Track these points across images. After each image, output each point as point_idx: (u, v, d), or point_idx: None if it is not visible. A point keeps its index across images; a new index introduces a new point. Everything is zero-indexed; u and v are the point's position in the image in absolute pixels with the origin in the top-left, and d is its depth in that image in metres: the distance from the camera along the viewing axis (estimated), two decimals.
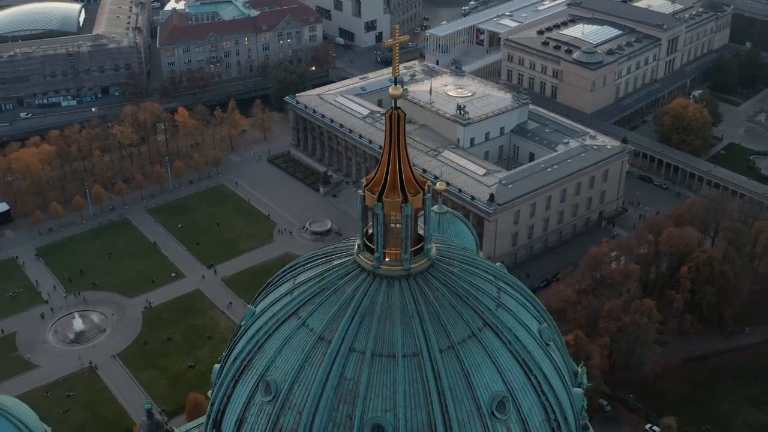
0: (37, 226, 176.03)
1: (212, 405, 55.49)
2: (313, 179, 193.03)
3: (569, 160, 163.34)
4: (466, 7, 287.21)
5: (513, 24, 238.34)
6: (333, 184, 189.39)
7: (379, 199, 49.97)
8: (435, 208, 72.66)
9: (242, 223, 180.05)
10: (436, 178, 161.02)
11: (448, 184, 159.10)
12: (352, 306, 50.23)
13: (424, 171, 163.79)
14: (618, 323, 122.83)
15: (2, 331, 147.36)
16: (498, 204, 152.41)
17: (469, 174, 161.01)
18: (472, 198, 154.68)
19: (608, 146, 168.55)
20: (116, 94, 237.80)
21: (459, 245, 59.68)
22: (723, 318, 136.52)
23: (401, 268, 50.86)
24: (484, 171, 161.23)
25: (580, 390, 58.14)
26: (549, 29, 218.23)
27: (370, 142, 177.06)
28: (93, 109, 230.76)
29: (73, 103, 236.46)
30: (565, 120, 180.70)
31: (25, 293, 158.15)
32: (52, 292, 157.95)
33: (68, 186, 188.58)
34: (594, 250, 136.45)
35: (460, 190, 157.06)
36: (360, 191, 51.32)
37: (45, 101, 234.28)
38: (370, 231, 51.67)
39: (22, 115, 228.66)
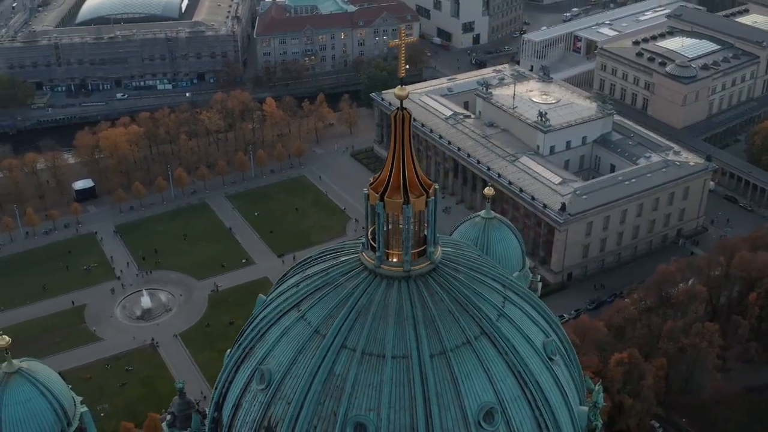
0: (118, 204, 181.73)
1: (216, 388, 56.34)
2: None
3: (648, 175, 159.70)
4: (568, 14, 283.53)
5: (611, 33, 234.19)
6: None
7: (381, 199, 49.56)
8: (482, 213, 72.18)
9: (318, 216, 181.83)
10: (510, 183, 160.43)
11: (521, 190, 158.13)
12: (349, 303, 49.99)
13: (499, 176, 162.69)
14: (677, 345, 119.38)
15: (73, 302, 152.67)
16: (569, 214, 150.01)
17: (544, 182, 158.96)
18: (544, 206, 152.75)
19: (691, 163, 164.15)
20: (211, 80, 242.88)
21: (475, 252, 58.57)
22: None
23: (401, 269, 50.44)
24: (560, 180, 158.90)
25: (585, 408, 56.52)
26: (645, 40, 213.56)
27: (450, 143, 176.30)
28: (187, 94, 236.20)
29: (169, 87, 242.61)
30: (649, 133, 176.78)
31: (100, 268, 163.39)
32: (125, 269, 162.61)
33: (152, 167, 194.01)
34: (662, 268, 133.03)
35: (533, 198, 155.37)
36: (365, 190, 50.99)
37: (142, 83, 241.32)
38: None
39: (119, 95, 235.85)
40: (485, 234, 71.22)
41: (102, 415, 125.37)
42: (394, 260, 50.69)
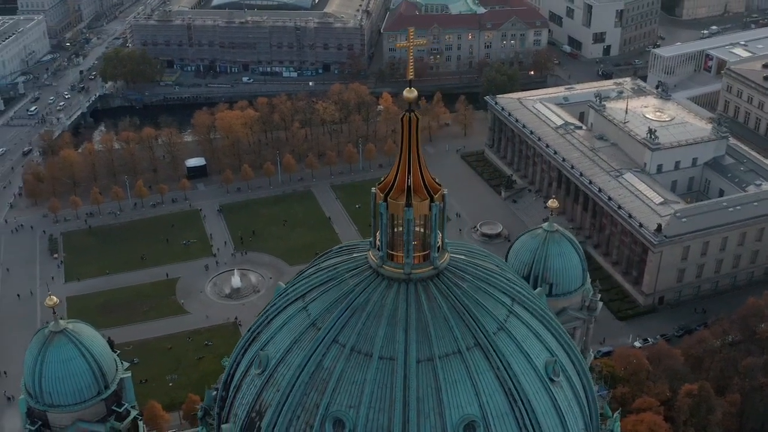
0: (226, 184, 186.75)
1: (225, 368, 58.09)
2: (499, 182, 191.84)
3: (755, 203, 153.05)
4: (706, 31, 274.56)
5: (744, 54, 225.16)
6: (515, 190, 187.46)
7: (385, 199, 49.89)
8: (545, 225, 71.42)
9: None
10: (610, 199, 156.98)
11: (619, 206, 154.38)
12: (347, 300, 50.74)
13: (600, 190, 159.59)
14: (754, 382, 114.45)
15: (167, 274, 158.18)
16: (665, 236, 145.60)
17: (645, 200, 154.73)
18: (640, 225, 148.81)
19: None
20: (335, 72, 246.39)
21: (494, 262, 57.73)
22: None
23: (401, 271, 50.62)
24: (661, 200, 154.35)
25: None
26: None
27: (555, 153, 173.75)
28: (310, 84, 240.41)
29: (294, 75, 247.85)
30: (763, 160, 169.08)
31: (198, 244, 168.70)
32: (222, 248, 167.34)
33: (264, 152, 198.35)
34: (751, 301, 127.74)
35: (630, 216, 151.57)
36: (372, 189, 51.34)
37: (268, 70, 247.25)
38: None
39: (245, 79, 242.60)
40: (545, 247, 70.32)
41: (170, 384, 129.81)
42: (399, 262, 50.99)
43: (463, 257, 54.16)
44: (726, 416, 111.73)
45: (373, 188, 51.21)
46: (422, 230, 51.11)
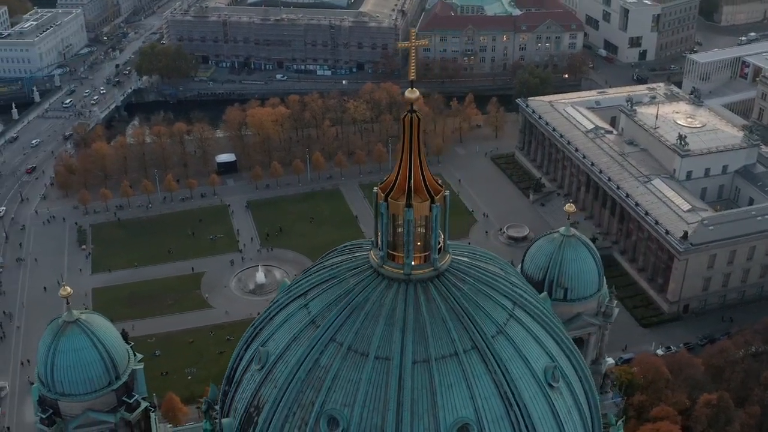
0: (255, 180, 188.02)
1: (229, 363, 58.68)
2: (527, 184, 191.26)
3: None
4: (744, 38, 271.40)
5: None
6: (544, 193, 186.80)
7: (386, 199, 50.12)
8: (561, 229, 70.84)
9: None
10: (637, 205, 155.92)
11: (646, 213, 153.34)
12: (347, 298, 50.86)
13: (628, 195, 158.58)
14: None
15: (192, 269, 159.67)
16: (691, 243, 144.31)
17: (673, 207, 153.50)
18: (666, 232, 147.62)
19: None
20: (369, 71, 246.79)
21: (498, 265, 57.57)
22: None
23: (401, 271, 50.78)
24: (689, 207, 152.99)
25: None
26: None
27: (584, 157, 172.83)
28: (344, 82, 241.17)
29: (328, 73, 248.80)
30: None
31: (224, 239, 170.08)
32: (248, 243, 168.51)
33: (294, 149, 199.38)
34: None
35: (656, 222, 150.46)
36: (375, 189, 51.57)
37: (302, 68, 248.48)
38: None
39: (278, 77, 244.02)
40: (560, 251, 69.58)
41: (189, 378, 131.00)
42: (400, 262, 51.14)
43: (465, 259, 54.06)
44: (744, 428, 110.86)
45: (375, 188, 51.44)
46: (424, 231, 51.12)
